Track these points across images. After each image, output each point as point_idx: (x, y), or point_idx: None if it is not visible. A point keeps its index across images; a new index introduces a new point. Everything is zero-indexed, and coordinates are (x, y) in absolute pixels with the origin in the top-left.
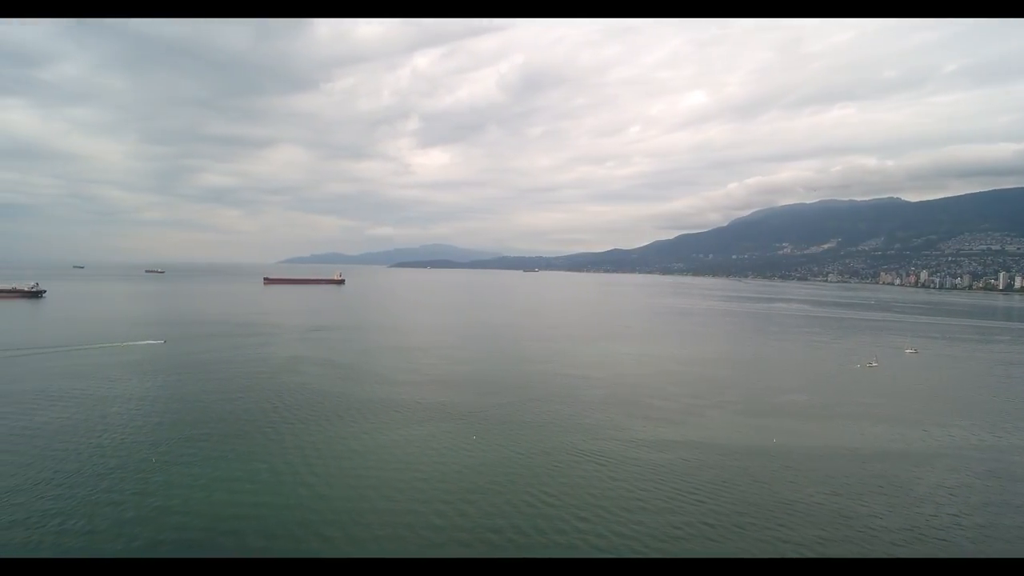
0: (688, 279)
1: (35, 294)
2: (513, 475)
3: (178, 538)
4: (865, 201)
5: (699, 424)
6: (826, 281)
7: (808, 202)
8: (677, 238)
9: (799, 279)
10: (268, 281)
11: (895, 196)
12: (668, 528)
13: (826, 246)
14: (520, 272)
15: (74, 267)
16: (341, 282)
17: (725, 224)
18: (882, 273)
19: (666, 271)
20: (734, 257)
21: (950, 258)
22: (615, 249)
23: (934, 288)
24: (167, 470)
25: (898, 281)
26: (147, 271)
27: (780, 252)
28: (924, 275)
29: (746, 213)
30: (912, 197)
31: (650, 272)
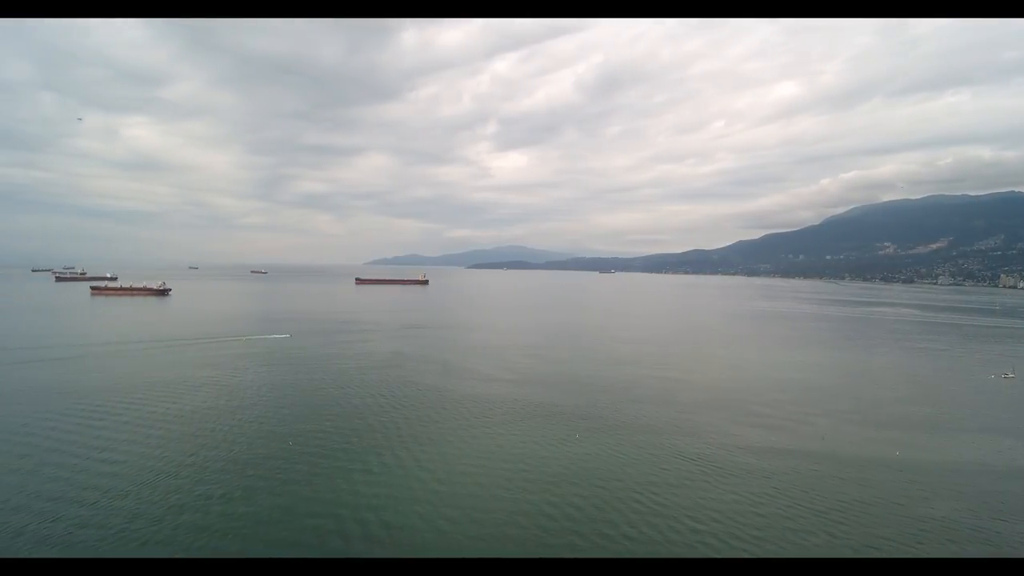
0: (777, 281)
1: (163, 292)
2: (620, 476)
3: (311, 525)
4: (980, 196)
5: (810, 433)
6: (935, 284)
7: (913, 198)
8: (763, 238)
9: (904, 282)
10: (359, 281)
11: (1016, 190)
12: (789, 539)
13: (935, 246)
14: (596, 273)
15: (189, 268)
16: (425, 283)
17: (818, 223)
18: (1003, 275)
19: (751, 273)
20: (828, 258)
21: None
22: (695, 250)
23: None
24: (295, 459)
25: (1022, 284)
26: (252, 272)
27: (881, 252)
28: None
29: (842, 210)
30: None
31: (734, 274)
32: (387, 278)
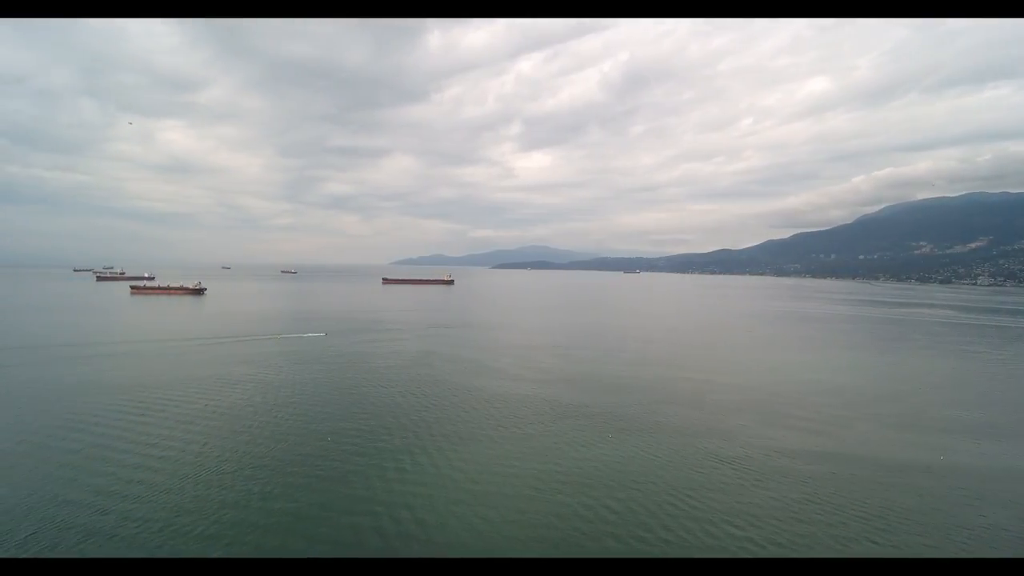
0: (807, 281)
1: (198, 291)
2: (654, 479)
3: (349, 523)
4: (1022, 193)
5: (849, 437)
6: (975, 284)
7: (951, 195)
8: (792, 237)
9: (941, 282)
10: (386, 281)
11: None
12: (830, 544)
13: (973, 245)
14: (621, 273)
15: (222, 268)
16: (451, 282)
17: (850, 221)
18: None
19: (780, 273)
20: (861, 257)
21: None
22: (722, 249)
23: None
24: (332, 456)
25: None
26: (282, 272)
27: (917, 252)
28: None
29: (875, 209)
30: None
31: (762, 274)
32: (413, 278)
